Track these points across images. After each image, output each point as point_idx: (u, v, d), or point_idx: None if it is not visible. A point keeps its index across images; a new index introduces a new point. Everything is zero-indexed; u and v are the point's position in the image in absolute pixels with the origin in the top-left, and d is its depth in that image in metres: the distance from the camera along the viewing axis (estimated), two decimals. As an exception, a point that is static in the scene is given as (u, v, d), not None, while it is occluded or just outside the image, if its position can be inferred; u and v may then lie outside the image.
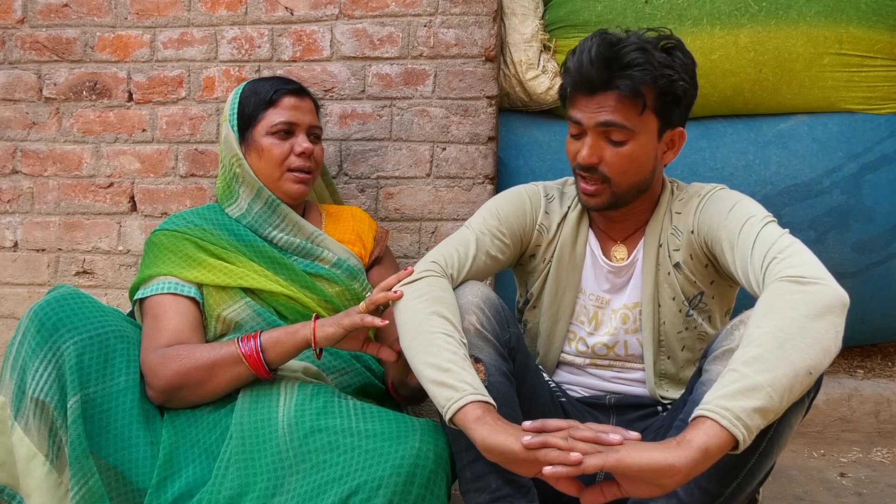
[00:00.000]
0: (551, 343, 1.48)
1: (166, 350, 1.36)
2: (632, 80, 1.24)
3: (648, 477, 0.96)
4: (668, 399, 1.43)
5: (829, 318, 1.03)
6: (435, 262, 1.34)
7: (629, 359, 1.44)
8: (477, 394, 1.10)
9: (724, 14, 2.02)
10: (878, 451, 1.97)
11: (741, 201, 1.29)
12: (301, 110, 1.58)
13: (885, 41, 2.01)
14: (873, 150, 2.03)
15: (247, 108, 1.56)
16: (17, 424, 1.27)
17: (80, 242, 2.08)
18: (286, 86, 1.58)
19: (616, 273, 1.43)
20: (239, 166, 1.56)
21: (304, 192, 1.58)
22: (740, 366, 1.00)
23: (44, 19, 2.06)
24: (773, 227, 1.20)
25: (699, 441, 0.95)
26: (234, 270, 1.48)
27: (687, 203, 1.37)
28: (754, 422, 0.96)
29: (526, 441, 1.02)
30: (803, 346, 1.00)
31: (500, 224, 1.42)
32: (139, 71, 2.04)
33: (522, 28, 2.06)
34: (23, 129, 2.09)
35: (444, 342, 1.17)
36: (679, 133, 1.35)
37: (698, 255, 1.35)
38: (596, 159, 1.31)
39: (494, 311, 1.27)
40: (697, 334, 1.41)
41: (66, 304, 1.32)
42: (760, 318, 1.04)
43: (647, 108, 1.27)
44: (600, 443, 0.99)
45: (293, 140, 1.56)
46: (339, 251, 1.60)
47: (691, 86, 1.31)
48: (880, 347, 2.41)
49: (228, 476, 1.25)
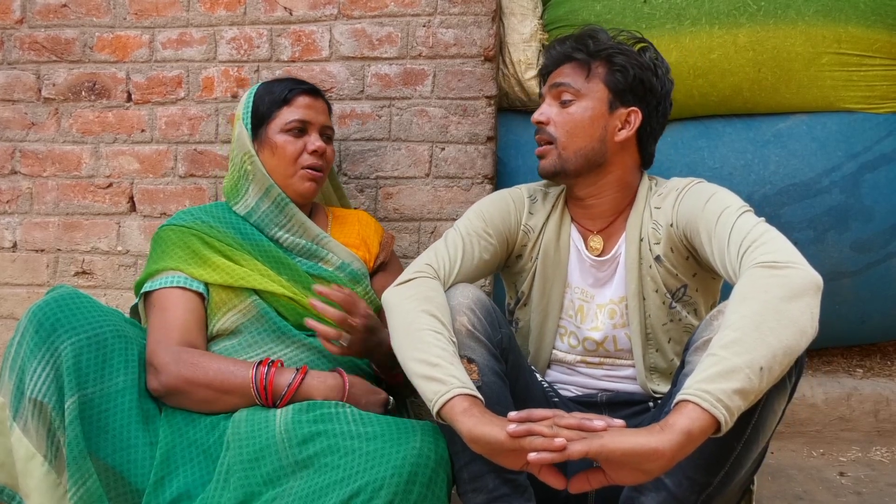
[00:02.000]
0: (542, 339, 1.49)
1: (180, 350, 1.37)
2: (582, 49, 1.42)
3: (633, 462, 0.97)
4: (660, 393, 1.44)
5: (803, 300, 1.05)
6: (428, 264, 1.37)
7: (619, 354, 1.46)
8: (464, 387, 1.11)
9: (723, 14, 2.02)
10: (877, 451, 1.97)
11: (717, 193, 1.31)
12: (315, 110, 1.60)
13: (884, 40, 2.01)
14: (872, 150, 2.03)
15: (261, 107, 1.58)
16: (15, 425, 1.27)
17: (79, 243, 2.08)
18: (301, 85, 1.60)
19: (598, 267, 1.45)
20: (251, 163, 1.56)
21: (315, 191, 1.59)
22: (718, 350, 1.01)
23: (42, 19, 2.06)
24: (749, 216, 1.22)
25: (681, 424, 0.97)
26: (239, 270, 1.49)
27: (666, 197, 1.40)
28: (734, 403, 0.98)
29: (511, 429, 1.03)
30: (779, 327, 1.02)
31: (487, 225, 1.45)
32: (138, 71, 2.04)
33: (521, 28, 2.07)
34: (22, 130, 2.09)
35: (434, 339, 1.19)
36: (634, 112, 1.41)
37: (678, 248, 1.37)
38: (544, 118, 1.43)
39: (485, 312, 1.29)
40: (683, 326, 1.43)
41: (65, 305, 1.31)
42: (737, 304, 1.06)
43: (592, 74, 1.41)
44: (584, 429, 1.01)
45: (306, 138, 1.58)
46: (343, 254, 1.60)
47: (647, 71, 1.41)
48: (879, 347, 2.41)
49: (230, 485, 1.25)
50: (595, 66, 1.41)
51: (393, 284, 1.35)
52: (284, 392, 1.34)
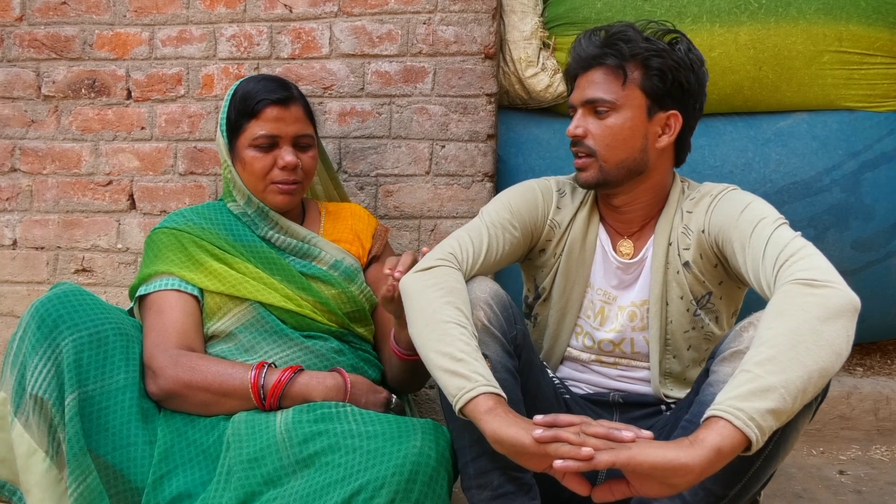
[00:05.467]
0: (558, 336, 1.48)
1: (178, 354, 1.37)
2: (615, 54, 1.33)
3: (660, 475, 0.96)
4: (672, 398, 1.43)
5: (840, 322, 1.03)
6: (451, 253, 1.33)
7: (634, 356, 1.44)
8: (489, 385, 1.10)
9: (724, 11, 2.01)
10: (877, 449, 1.97)
11: (753, 202, 1.28)
12: (285, 121, 1.51)
13: (885, 39, 2.01)
14: (873, 148, 2.03)
15: (232, 116, 1.53)
16: (17, 420, 1.27)
17: (78, 240, 2.08)
18: (270, 95, 1.50)
19: (624, 269, 1.43)
20: (229, 173, 1.55)
21: (290, 202, 1.55)
22: (753, 366, 0.99)
23: (42, 17, 2.06)
24: (785, 229, 1.20)
25: (712, 441, 0.95)
26: (233, 276, 1.47)
27: (698, 202, 1.37)
28: (767, 423, 0.96)
29: (537, 434, 1.01)
30: (815, 348, 1.00)
31: (513, 217, 1.42)
32: (138, 69, 2.04)
33: (522, 25, 2.06)
34: (21, 127, 2.08)
35: (459, 332, 1.17)
36: (674, 116, 1.36)
37: (708, 254, 1.35)
38: (581, 131, 1.36)
39: (502, 307, 1.27)
40: (704, 334, 1.41)
41: (68, 301, 1.31)
42: (772, 320, 1.04)
43: (629, 81, 1.33)
44: (612, 439, 0.99)
45: (276, 152, 1.51)
46: (335, 253, 1.59)
47: (684, 70, 1.33)
48: (879, 345, 2.41)
49: (231, 485, 1.24)
50: (631, 70, 1.33)
51: (413, 270, 1.31)
52: (281, 391, 1.33)
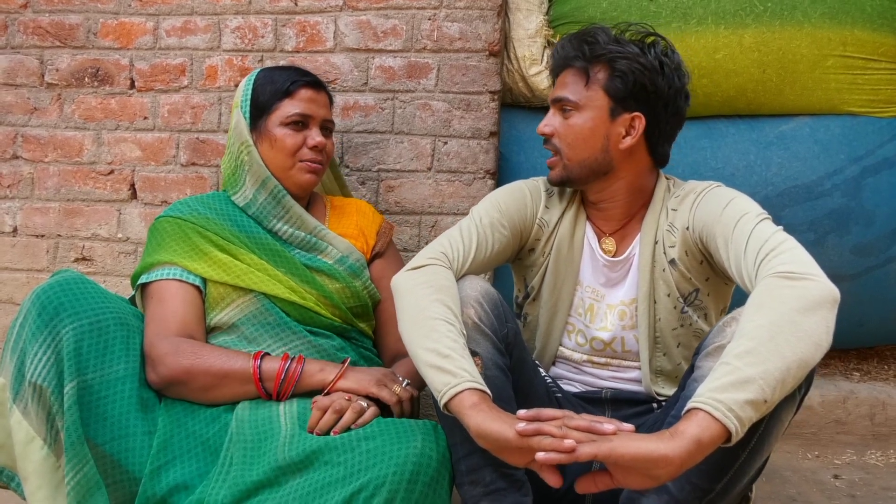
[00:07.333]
0: (549, 335, 1.49)
1: (179, 341, 1.37)
2: (580, 55, 1.38)
3: (641, 467, 0.97)
4: (664, 396, 1.43)
5: (819, 313, 1.05)
6: (442, 252, 1.35)
7: (626, 356, 1.45)
8: (474, 381, 1.12)
9: (729, 14, 2.01)
10: (872, 454, 1.98)
11: (736, 198, 1.30)
12: (317, 103, 1.57)
13: (890, 44, 2.01)
14: (875, 154, 2.03)
15: (261, 97, 1.55)
16: (15, 407, 1.26)
17: (79, 229, 2.08)
18: (303, 77, 1.57)
19: (611, 267, 1.44)
20: (248, 154, 1.55)
21: (314, 182, 1.58)
22: (732, 359, 1.01)
23: (47, 4, 2.06)
24: (767, 224, 1.21)
25: (692, 432, 0.97)
26: (237, 266, 1.48)
27: (683, 200, 1.39)
28: (746, 414, 0.97)
29: (520, 428, 1.03)
30: (794, 339, 1.01)
31: (502, 217, 1.44)
32: (142, 58, 2.03)
33: (527, 23, 2.06)
34: (24, 115, 2.08)
35: (446, 329, 1.18)
36: (637, 118, 1.36)
37: (693, 251, 1.36)
38: (549, 130, 1.42)
39: (493, 305, 1.28)
40: (693, 331, 1.42)
41: (69, 289, 1.31)
42: (752, 313, 1.06)
43: (592, 81, 1.37)
44: (594, 432, 1.00)
45: (307, 132, 1.55)
46: (342, 247, 1.59)
47: (650, 73, 1.34)
48: (877, 350, 2.41)
49: (231, 479, 1.24)
50: (595, 71, 1.37)
51: (404, 269, 1.34)
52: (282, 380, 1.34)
